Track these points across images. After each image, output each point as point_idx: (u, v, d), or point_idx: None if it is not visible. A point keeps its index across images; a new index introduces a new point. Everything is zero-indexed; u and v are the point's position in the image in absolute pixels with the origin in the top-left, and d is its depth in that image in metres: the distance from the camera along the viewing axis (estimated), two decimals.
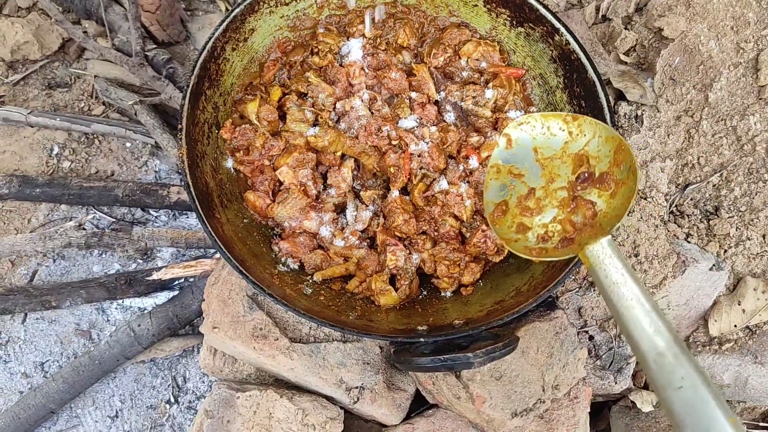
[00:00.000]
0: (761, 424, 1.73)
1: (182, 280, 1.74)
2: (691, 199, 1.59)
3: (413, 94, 1.46)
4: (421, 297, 1.37)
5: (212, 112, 1.35)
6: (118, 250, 1.78)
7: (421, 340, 1.17)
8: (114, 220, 1.88)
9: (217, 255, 1.72)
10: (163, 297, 1.81)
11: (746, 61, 1.58)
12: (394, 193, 1.39)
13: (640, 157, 1.54)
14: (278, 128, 1.40)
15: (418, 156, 1.41)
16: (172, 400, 1.76)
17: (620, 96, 1.60)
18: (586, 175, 1.06)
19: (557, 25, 1.39)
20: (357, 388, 1.34)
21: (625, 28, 1.67)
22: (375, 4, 1.49)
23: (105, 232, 1.76)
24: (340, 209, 1.41)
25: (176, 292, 1.78)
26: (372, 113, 1.42)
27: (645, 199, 1.54)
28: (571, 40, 1.38)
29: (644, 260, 1.50)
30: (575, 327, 1.37)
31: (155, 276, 1.71)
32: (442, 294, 1.37)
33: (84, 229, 1.80)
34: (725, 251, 1.56)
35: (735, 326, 1.56)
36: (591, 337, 1.45)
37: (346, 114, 1.41)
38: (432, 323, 1.24)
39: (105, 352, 1.68)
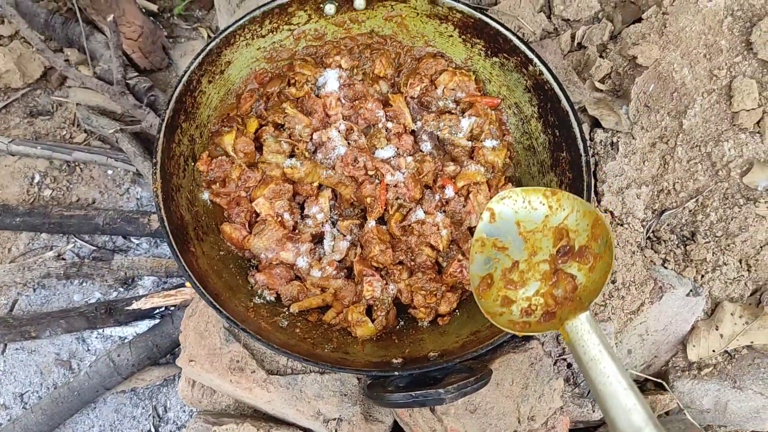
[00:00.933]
0: None
1: (163, 308, 1.74)
2: (668, 225, 1.60)
3: (390, 124, 1.47)
4: (398, 327, 1.38)
5: (188, 144, 1.35)
6: (98, 279, 1.78)
7: (396, 373, 1.17)
8: (95, 248, 1.88)
9: None
10: (143, 326, 1.81)
11: (719, 87, 1.60)
12: (371, 223, 1.40)
13: (616, 184, 1.56)
14: (255, 160, 1.41)
15: (395, 186, 1.42)
16: (153, 430, 1.75)
17: (596, 123, 1.61)
18: (567, 248, 1.08)
19: (531, 55, 1.41)
20: (335, 419, 1.33)
21: (600, 56, 1.69)
22: None
23: (84, 261, 1.76)
24: (318, 239, 1.42)
25: (157, 321, 1.78)
26: (348, 144, 1.43)
27: (621, 225, 1.55)
28: (544, 70, 1.40)
29: (621, 286, 1.50)
30: (552, 356, 1.38)
31: (135, 305, 1.71)
32: (419, 324, 1.37)
33: (63, 259, 1.80)
34: (702, 276, 1.57)
35: (713, 351, 1.57)
36: (569, 365, 1.46)
37: (323, 145, 1.42)
38: (408, 355, 1.24)
39: (84, 383, 1.67)
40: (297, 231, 1.38)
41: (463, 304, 1.39)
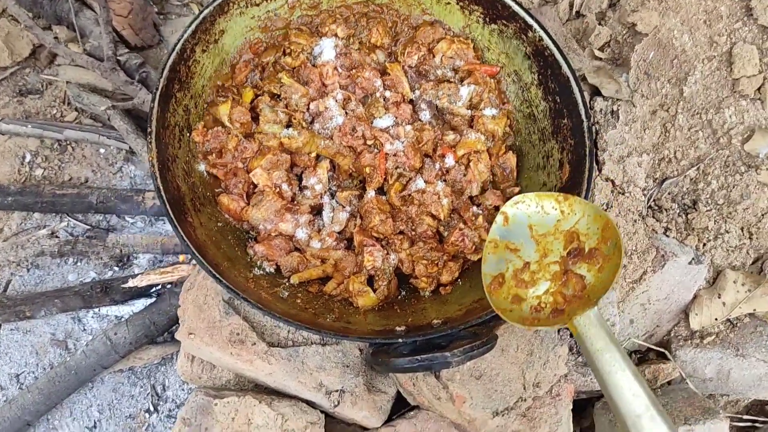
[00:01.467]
0: (745, 417, 1.73)
1: (159, 286, 1.72)
2: (669, 193, 1.59)
3: (387, 93, 1.45)
4: (399, 297, 1.36)
5: (183, 115, 1.33)
6: (93, 257, 1.75)
7: (400, 340, 1.15)
8: (89, 227, 1.85)
9: (193, 260, 1.69)
10: (140, 304, 1.78)
11: (720, 54, 1.58)
12: (370, 193, 1.38)
13: (617, 153, 1.54)
14: (251, 130, 1.38)
15: (394, 155, 1.40)
16: (152, 409, 1.73)
17: (596, 92, 1.59)
18: (577, 250, 1.11)
19: (530, 21, 1.39)
20: (337, 391, 1.32)
21: (599, 24, 1.67)
22: None
23: (78, 239, 1.73)
24: (317, 211, 1.40)
25: (153, 299, 1.75)
26: (346, 113, 1.41)
27: (623, 194, 1.53)
28: (544, 36, 1.38)
29: (623, 255, 1.49)
30: None
31: (131, 283, 1.68)
32: (421, 294, 1.36)
33: (57, 237, 1.77)
34: (704, 245, 1.56)
35: (716, 319, 1.56)
36: (571, 335, 1.45)
37: (320, 114, 1.39)
38: (411, 324, 1.22)
39: (81, 362, 1.65)
40: (295, 202, 1.36)
41: (465, 273, 1.37)
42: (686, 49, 1.58)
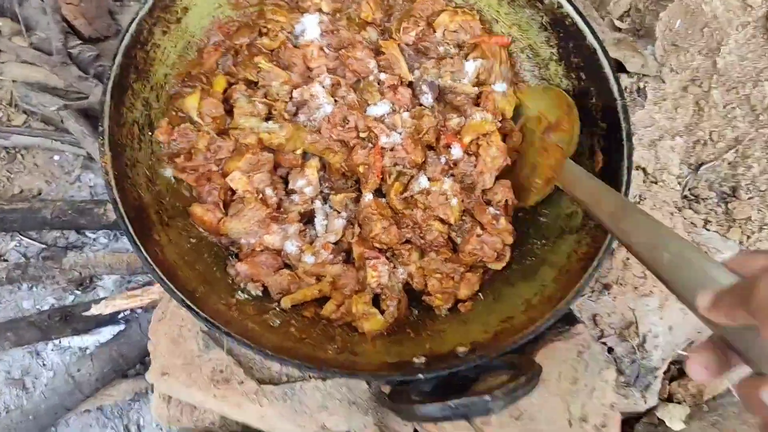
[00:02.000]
0: None
1: (128, 311, 1.49)
2: (706, 181, 1.40)
3: (382, 76, 1.24)
4: (412, 318, 1.15)
5: (142, 109, 1.10)
6: (48, 282, 1.52)
7: (420, 376, 0.94)
8: (44, 245, 1.62)
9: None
10: (106, 332, 1.55)
11: (755, 19, 1.40)
12: (368, 196, 1.17)
13: (647, 137, 1.35)
14: (225, 125, 1.16)
15: (391, 150, 1.19)
16: None
17: (619, 67, 1.40)
18: (548, 126, 1.20)
19: None
20: None
21: None
22: None
23: (30, 262, 1.50)
24: (308, 219, 1.19)
25: (121, 327, 1.53)
26: (335, 101, 1.19)
27: (656, 183, 1.34)
28: (563, 2, 1.18)
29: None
30: (594, 338, 1.17)
31: (94, 310, 1.45)
32: (437, 312, 1.15)
33: (5, 260, 1.54)
34: (748, 237, 1.38)
35: None
36: (610, 349, 1.25)
37: (306, 103, 1.18)
38: (430, 352, 1.02)
39: (40, 405, 1.42)
40: (282, 209, 1.14)
41: (486, 286, 1.17)
42: (717, 15, 1.39)
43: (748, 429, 1.30)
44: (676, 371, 1.46)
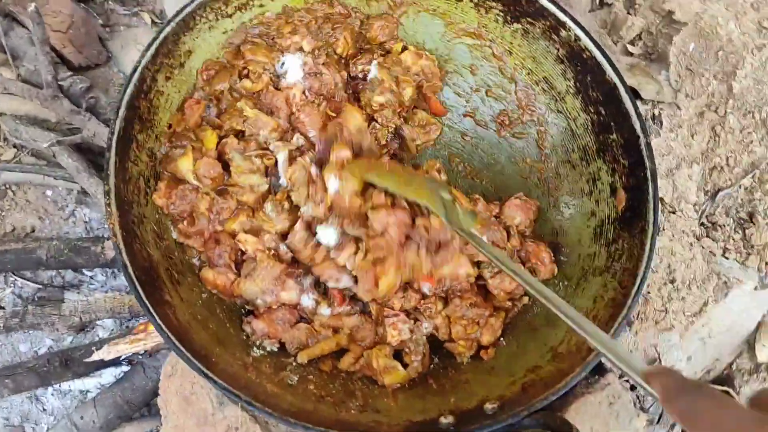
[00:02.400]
0: None
1: (131, 354, 1.44)
2: (723, 207, 1.37)
3: None
4: (432, 366, 1.11)
5: (148, 161, 1.05)
6: (47, 329, 1.46)
7: None
8: (40, 286, 1.56)
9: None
10: (108, 374, 1.51)
11: None
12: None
13: (664, 165, 1.31)
14: (224, 182, 1.10)
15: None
16: None
17: (633, 93, 1.36)
18: None
19: (563, 18, 1.15)
20: None
21: (628, 13, 1.43)
22: None
23: (28, 309, 1.44)
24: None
25: (125, 368, 1.48)
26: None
27: (674, 213, 1.31)
28: (582, 35, 1.14)
29: (681, 286, 1.27)
30: (624, 387, 1.14)
31: (95, 356, 1.40)
32: (459, 360, 1.11)
33: (1, 307, 1.48)
34: (767, 264, 1.35)
35: None
36: (633, 387, 1.22)
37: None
38: (456, 407, 0.98)
39: None
40: (296, 263, 1.09)
41: (508, 332, 1.13)
42: (732, 39, 1.36)
43: None
44: None
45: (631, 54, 1.41)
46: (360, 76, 1.24)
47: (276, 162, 1.10)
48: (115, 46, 1.78)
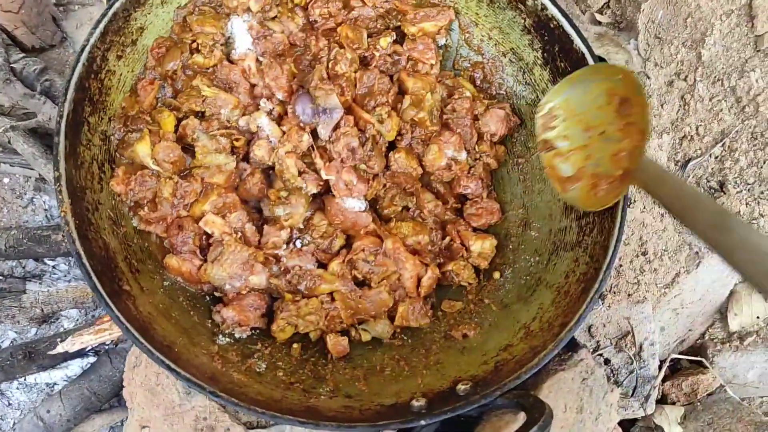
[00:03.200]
0: None
1: (96, 345, 1.40)
2: (693, 177, 1.36)
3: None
4: (404, 346, 1.09)
5: (101, 144, 1.01)
6: (8, 322, 1.41)
7: (422, 423, 0.89)
8: (0, 277, 1.51)
9: None
10: (75, 366, 1.47)
11: (738, 7, 1.35)
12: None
13: None
14: (186, 166, 1.06)
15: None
16: None
17: None
18: (622, 99, 1.02)
19: None
20: None
21: None
22: None
23: None
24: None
25: (92, 359, 1.44)
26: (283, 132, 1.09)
27: None
28: (548, 3, 1.11)
29: (653, 257, 1.26)
30: (597, 362, 1.13)
31: (60, 348, 1.36)
32: (432, 334, 1.09)
33: None
34: None
35: (758, 317, 1.36)
36: (607, 361, 1.22)
37: (255, 134, 1.08)
38: (428, 390, 0.96)
39: None
40: (262, 244, 1.06)
41: (479, 304, 1.12)
42: (701, 5, 1.34)
43: (743, 427, 1.28)
44: (669, 371, 1.44)
45: (600, 23, 1.39)
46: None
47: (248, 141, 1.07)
48: (69, 26, 1.71)
